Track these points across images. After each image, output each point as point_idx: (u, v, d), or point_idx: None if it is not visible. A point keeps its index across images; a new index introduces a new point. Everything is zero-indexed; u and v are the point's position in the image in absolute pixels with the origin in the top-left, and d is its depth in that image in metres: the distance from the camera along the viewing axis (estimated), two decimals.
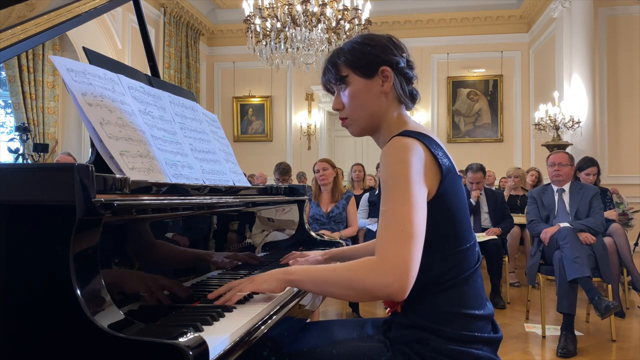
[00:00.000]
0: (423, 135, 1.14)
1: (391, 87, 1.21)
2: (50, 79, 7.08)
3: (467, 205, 1.22)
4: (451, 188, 1.13)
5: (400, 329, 1.16)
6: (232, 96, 10.16)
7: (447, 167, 1.12)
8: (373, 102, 1.22)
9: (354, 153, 10.46)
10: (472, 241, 1.18)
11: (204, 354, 0.78)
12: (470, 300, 1.14)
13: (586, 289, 2.97)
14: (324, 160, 4.06)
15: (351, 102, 1.23)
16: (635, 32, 7.31)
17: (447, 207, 1.13)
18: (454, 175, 1.14)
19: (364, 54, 1.21)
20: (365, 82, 1.21)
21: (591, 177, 4.11)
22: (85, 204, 0.79)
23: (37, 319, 0.79)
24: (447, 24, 9.22)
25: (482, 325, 1.15)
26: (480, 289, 1.18)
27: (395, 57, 1.21)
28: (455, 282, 1.13)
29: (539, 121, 7.15)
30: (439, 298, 1.12)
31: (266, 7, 5.38)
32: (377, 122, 1.24)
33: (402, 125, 1.21)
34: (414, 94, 1.26)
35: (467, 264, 1.16)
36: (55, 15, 1.41)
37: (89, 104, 1.13)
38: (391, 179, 1.06)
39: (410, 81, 1.25)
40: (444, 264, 1.13)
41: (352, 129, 1.27)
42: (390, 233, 1.02)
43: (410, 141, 1.10)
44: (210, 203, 1.27)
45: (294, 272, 1.14)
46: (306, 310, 1.39)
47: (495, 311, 1.21)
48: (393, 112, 1.23)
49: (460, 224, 1.15)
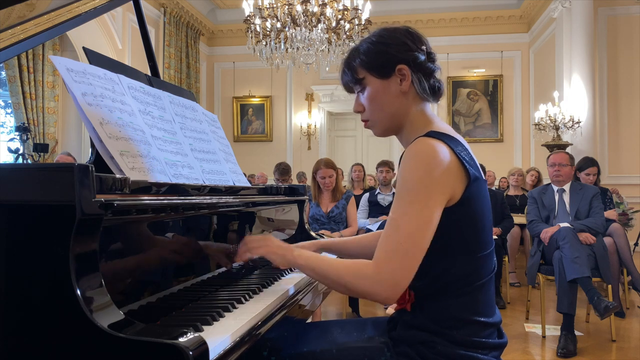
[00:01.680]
0: (449, 137, 1.11)
1: (410, 85, 1.16)
2: (50, 79, 7.08)
3: (491, 211, 1.21)
4: (477, 194, 1.10)
5: (405, 329, 1.15)
6: (232, 96, 10.16)
7: (474, 173, 1.09)
8: (392, 102, 1.18)
9: (354, 153, 10.46)
10: (491, 247, 1.17)
11: (204, 354, 0.78)
12: (482, 307, 1.13)
13: (586, 289, 2.97)
14: (329, 167, 3.91)
15: (370, 105, 1.20)
16: (635, 32, 7.31)
17: (472, 212, 1.10)
18: (480, 182, 1.12)
19: (379, 54, 1.17)
20: (382, 83, 1.18)
21: (591, 177, 4.11)
22: (85, 204, 0.79)
23: (37, 319, 0.79)
24: (447, 24, 9.23)
25: (490, 332, 1.14)
26: (492, 297, 1.17)
27: (413, 53, 1.16)
28: (471, 288, 1.12)
29: (539, 121, 7.15)
30: (452, 302, 1.11)
31: (266, 7, 5.38)
32: (399, 122, 1.20)
33: (427, 124, 1.18)
34: (436, 87, 1.20)
35: (485, 271, 1.14)
36: (55, 15, 1.41)
37: (89, 104, 1.13)
38: (407, 187, 1.05)
39: (432, 74, 1.19)
40: (462, 268, 1.11)
41: (375, 130, 1.25)
42: (390, 244, 1.03)
43: (436, 143, 1.07)
44: (210, 203, 1.27)
45: (302, 256, 1.19)
46: (306, 310, 1.39)
47: (500, 314, 1.21)
48: (415, 109, 1.19)
49: (483, 229, 1.13)
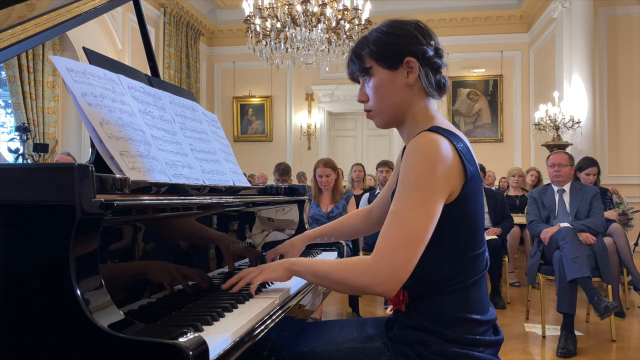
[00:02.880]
0: (451, 133, 1.11)
1: (416, 78, 1.16)
2: (50, 79, 7.08)
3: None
4: (473, 193, 1.10)
5: (402, 329, 1.16)
6: (232, 96, 10.16)
7: (472, 172, 1.09)
8: (397, 94, 1.17)
9: (354, 153, 10.46)
10: (484, 247, 1.17)
11: (204, 354, 0.78)
12: (475, 305, 1.13)
13: (586, 289, 2.97)
14: (327, 166, 3.91)
15: (375, 95, 1.19)
16: (635, 32, 7.31)
17: (467, 211, 1.11)
18: (477, 180, 1.12)
19: (389, 44, 1.16)
20: (389, 74, 1.17)
21: (591, 177, 4.12)
22: (85, 204, 0.79)
23: (37, 319, 0.79)
24: (447, 24, 9.23)
25: (484, 329, 1.14)
26: (485, 295, 1.18)
27: (422, 47, 1.15)
28: (462, 286, 1.12)
29: (539, 121, 7.15)
30: (444, 301, 1.12)
31: (266, 7, 5.38)
32: (402, 115, 1.20)
33: (429, 119, 1.18)
34: (441, 83, 1.19)
35: (477, 269, 1.15)
36: (55, 15, 1.41)
37: (89, 104, 1.13)
38: (410, 180, 1.04)
39: (439, 70, 1.19)
40: (454, 267, 1.12)
41: (377, 121, 1.24)
42: (390, 236, 1.03)
43: (438, 138, 1.06)
44: (210, 203, 1.27)
45: (298, 263, 1.19)
46: (306, 310, 1.39)
47: (495, 311, 1.21)
48: (419, 104, 1.19)
49: (476, 229, 1.14)
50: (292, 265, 1.19)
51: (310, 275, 1.16)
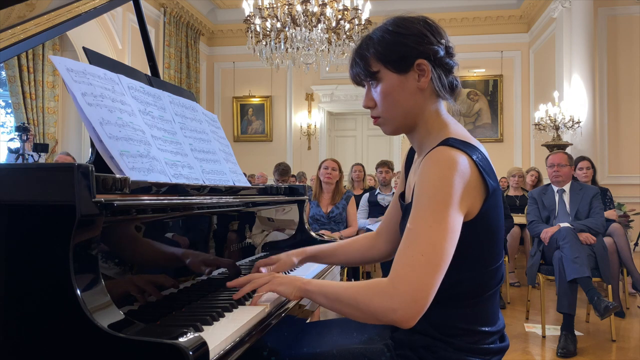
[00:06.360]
0: (467, 145, 1.04)
1: (429, 81, 1.08)
2: (50, 79, 7.08)
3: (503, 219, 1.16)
4: (495, 206, 1.05)
5: (408, 334, 1.12)
6: (232, 96, 10.16)
7: (493, 186, 1.03)
8: (408, 99, 1.09)
9: (354, 153, 10.47)
10: (502, 259, 1.13)
11: (204, 354, 0.77)
12: (486, 318, 1.10)
13: (586, 289, 2.97)
14: (334, 160, 4.19)
15: (384, 101, 1.10)
16: (635, 32, 7.31)
17: (489, 226, 1.05)
18: (497, 192, 1.06)
19: (397, 45, 1.07)
20: (399, 78, 1.08)
21: (584, 171, 4.14)
22: (85, 204, 0.79)
23: (36, 319, 0.79)
24: (447, 24, 9.21)
25: (493, 339, 1.12)
26: (497, 305, 1.14)
27: (433, 47, 1.07)
28: (477, 300, 1.08)
29: (539, 121, 7.15)
30: (457, 313, 1.07)
31: (266, 7, 5.38)
32: (412, 121, 1.12)
33: (442, 126, 1.11)
34: (454, 84, 1.12)
35: (494, 282, 1.10)
36: (55, 15, 1.41)
37: (89, 104, 1.13)
38: (427, 196, 0.97)
39: (451, 71, 1.11)
40: (473, 281, 1.07)
41: (385, 128, 1.16)
42: (409, 256, 0.95)
43: (457, 155, 0.99)
44: (210, 203, 1.27)
45: (311, 283, 1.11)
46: (306, 310, 1.39)
47: (504, 319, 1.20)
48: (430, 108, 1.11)
49: (497, 241, 1.09)
50: (304, 285, 1.10)
51: (321, 297, 1.07)
